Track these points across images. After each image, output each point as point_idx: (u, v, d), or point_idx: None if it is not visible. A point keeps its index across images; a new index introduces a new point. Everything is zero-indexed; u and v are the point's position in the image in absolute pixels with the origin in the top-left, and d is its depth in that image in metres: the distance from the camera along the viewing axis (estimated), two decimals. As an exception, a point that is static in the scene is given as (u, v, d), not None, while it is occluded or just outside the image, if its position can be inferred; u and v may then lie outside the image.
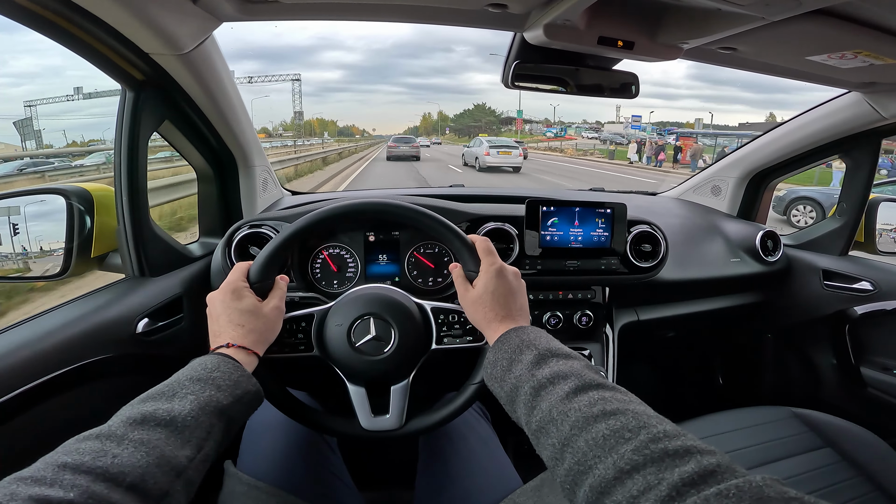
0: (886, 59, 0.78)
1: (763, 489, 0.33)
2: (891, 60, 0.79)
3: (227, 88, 0.99)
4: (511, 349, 0.58)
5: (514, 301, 0.66)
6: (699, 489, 0.34)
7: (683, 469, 0.36)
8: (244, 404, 0.55)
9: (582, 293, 1.16)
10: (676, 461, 0.37)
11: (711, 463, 0.36)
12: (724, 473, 0.36)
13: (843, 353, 1.32)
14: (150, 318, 0.85)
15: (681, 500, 0.34)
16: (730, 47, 0.83)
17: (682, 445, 0.39)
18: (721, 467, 0.36)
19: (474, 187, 1.56)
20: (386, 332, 0.70)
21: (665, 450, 0.39)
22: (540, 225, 1.07)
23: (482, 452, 0.85)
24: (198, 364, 0.55)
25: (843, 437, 1.01)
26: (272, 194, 1.38)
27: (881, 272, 1.25)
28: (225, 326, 0.62)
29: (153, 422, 0.45)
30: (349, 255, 1.00)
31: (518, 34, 0.88)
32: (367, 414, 0.72)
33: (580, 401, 0.47)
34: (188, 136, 1.03)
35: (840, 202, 1.34)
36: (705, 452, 0.38)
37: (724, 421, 1.06)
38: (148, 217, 0.90)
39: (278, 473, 0.73)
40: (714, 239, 1.40)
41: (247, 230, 0.97)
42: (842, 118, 1.20)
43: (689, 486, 0.35)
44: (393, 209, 0.74)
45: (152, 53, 0.80)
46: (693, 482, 0.35)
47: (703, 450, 0.38)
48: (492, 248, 0.70)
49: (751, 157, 1.49)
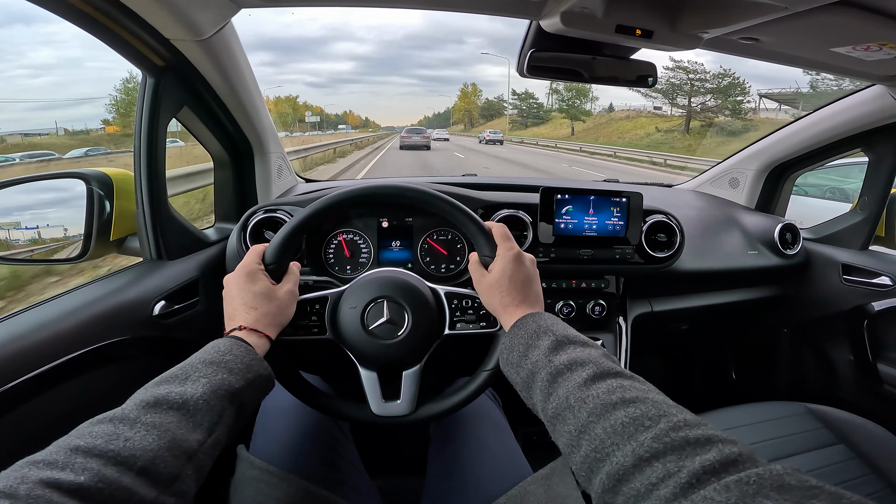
0: (913, 49, 0.76)
1: (784, 477, 0.32)
2: (917, 51, 0.77)
3: (244, 75, 1.00)
4: (528, 334, 0.58)
5: (531, 287, 0.66)
6: (719, 477, 0.34)
7: (704, 457, 0.36)
8: (256, 388, 0.55)
9: (595, 282, 1.16)
10: (697, 449, 0.37)
11: (733, 452, 0.36)
12: (745, 462, 0.35)
13: (860, 349, 1.30)
14: (167, 301, 0.86)
15: (700, 486, 0.34)
16: (751, 38, 0.81)
17: (703, 434, 0.39)
18: (742, 457, 0.36)
19: (487, 176, 1.56)
20: (400, 315, 0.71)
21: (686, 438, 0.38)
22: (554, 213, 1.06)
23: (493, 439, 0.85)
24: (211, 347, 0.55)
25: (857, 434, 1.00)
26: (287, 181, 1.39)
27: None
28: (239, 309, 0.62)
29: (166, 405, 0.45)
30: (362, 241, 1.01)
31: (534, 22, 0.87)
32: (379, 399, 0.72)
33: (598, 388, 0.47)
34: (206, 123, 1.04)
35: (861, 196, 1.31)
36: (727, 442, 0.38)
37: (737, 415, 1.05)
38: (166, 201, 0.91)
39: (291, 458, 0.72)
40: (731, 231, 1.38)
41: (262, 215, 0.99)
42: (865, 111, 1.17)
43: (709, 474, 0.34)
44: (409, 193, 0.73)
45: (173, 39, 0.81)
46: (714, 470, 0.35)
47: (724, 439, 0.38)
48: (508, 234, 0.70)
49: (771, 149, 1.47)
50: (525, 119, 70.76)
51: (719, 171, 1.65)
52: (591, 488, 0.42)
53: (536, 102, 70.13)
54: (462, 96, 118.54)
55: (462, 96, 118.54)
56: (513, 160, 18.82)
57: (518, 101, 72.82)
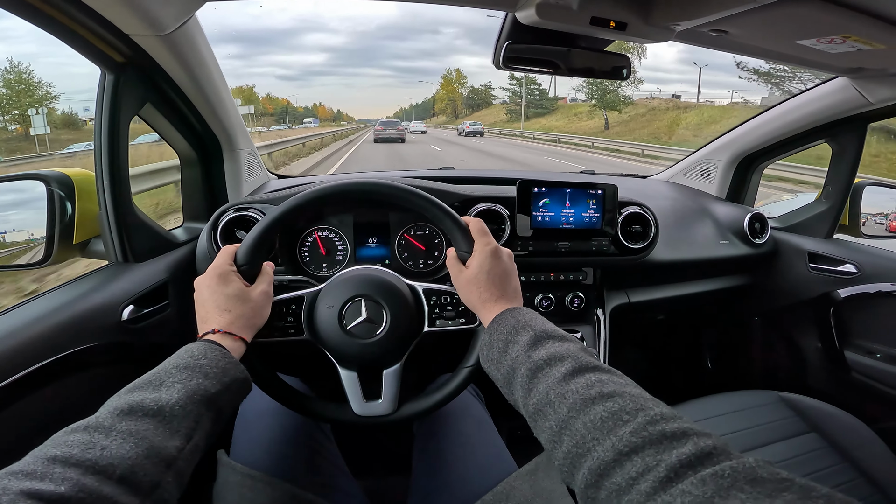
0: (875, 44, 0.78)
1: (756, 470, 0.33)
2: (879, 46, 0.79)
3: (210, 70, 0.97)
4: (507, 330, 0.58)
5: (509, 282, 0.66)
6: (696, 470, 0.35)
7: (681, 451, 0.37)
8: (232, 392, 0.55)
9: (573, 275, 1.17)
10: (674, 443, 0.38)
11: (708, 445, 0.37)
12: (719, 455, 0.36)
13: (827, 336, 1.34)
14: (136, 305, 0.84)
15: (678, 480, 0.35)
16: (721, 30, 0.82)
17: (678, 428, 0.39)
18: (717, 449, 0.37)
19: (464, 170, 1.55)
20: (378, 314, 0.70)
21: (663, 432, 0.39)
22: (531, 206, 1.07)
23: (477, 435, 0.85)
24: (184, 352, 0.54)
25: (828, 423, 1.02)
26: (258, 178, 1.36)
27: (865, 255, 1.27)
28: (212, 312, 0.61)
29: (141, 412, 0.45)
30: (338, 238, 1.00)
31: (510, 14, 0.86)
32: (360, 399, 0.71)
33: (577, 383, 0.48)
34: (171, 120, 1.01)
35: (826, 186, 1.35)
36: (701, 435, 0.39)
37: (712, 405, 1.07)
38: (130, 201, 0.89)
39: (272, 462, 0.72)
40: (703, 221, 1.41)
41: (233, 213, 0.96)
42: (829, 103, 1.20)
43: (686, 468, 0.35)
44: (383, 189, 0.72)
45: (133, 35, 0.78)
46: (690, 464, 0.36)
47: (699, 432, 0.39)
48: (486, 229, 0.70)
49: (739, 140, 1.50)
50: (526, 108, 57.10)
51: (691, 161, 1.68)
52: (574, 483, 0.43)
53: (538, 89, 57.05)
54: (444, 84, 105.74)
55: (444, 84, 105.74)
56: (489, 152, 18.70)
57: (517, 88, 59.14)
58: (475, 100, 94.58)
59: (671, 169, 1.77)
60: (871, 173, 6.70)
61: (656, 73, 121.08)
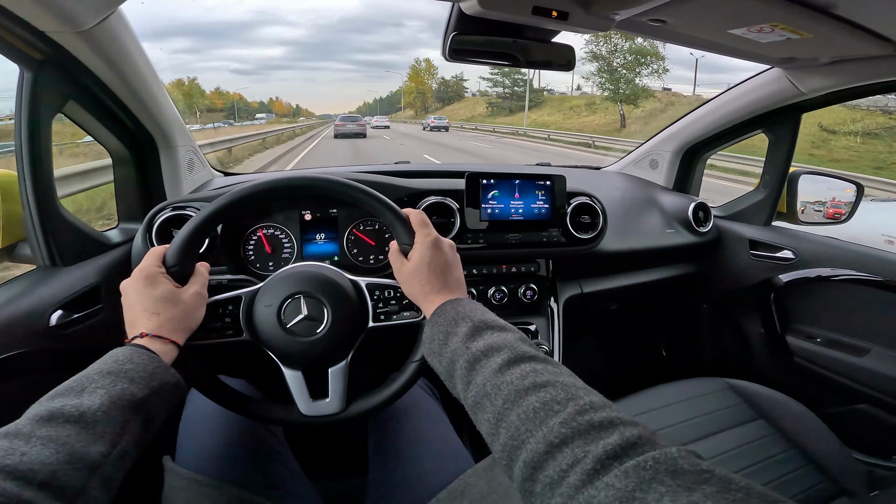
0: (801, 32, 0.81)
1: (678, 461, 0.33)
2: (805, 34, 0.82)
3: (138, 65, 0.93)
4: (447, 322, 0.57)
5: (451, 273, 0.65)
6: (621, 462, 0.35)
7: (607, 441, 0.36)
8: (162, 397, 0.53)
9: (526, 266, 1.18)
10: (601, 433, 0.37)
11: (633, 435, 0.37)
12: (644, 445, 0.36)
13: (769, 322, 1.39)
14: (65, 310, 0.79)
15: (605, 472, 0.34)
16: (659, 19, 0.84)
17: (606, 417, 0.39)
18: (642, 439, 0.37)
19: (419, 164, 1.54)
20: (318, 311, 0.68)
21: (591, 422, 0.39)
22: (480, 198, 1.06)
23: (432, 432, 0.84)
24: (109, 357, 0.53)
25: (774, 409, 1.04)
26: (200, 175, 1.31)
27: (801, 241, 1.32)
28: (139, 315, 0.59)
29: (61, 418, 0.44)
30: (284, 236, 0.97)
31: (455, 5, 0.86)
32: (306, 399, 0.70)
33: (512, 374, 0.47)
34: (98, 117, 0.96)
35: (764, 175, 1.41)
36: (628, 424, 0.38)
37: (663, 394, 1.08)
38: (55, 202, 0.84)
39: (220, 466, 0.70)
40: (651, 211, 1.44)
41: (170, 212, 0.93)
42: (764, 94, 1.25)
43: (612, 459, 0.35)
44: (320, 183, 0.70)
45: (49, 32, 0.74)
46: (616, 455, 0.35)
47: (626, 421, 0.39)
48: (426, 220, 0.68)
49: (683, 131, 1.54)
50: (510, 101, 53.26)
51: (641, 152, 1.72)
52: (513, 477, 0.42)
53: (523, 79, 50.72)
54: (413, 76, 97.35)
55: (413, 76, 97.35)
56: (452, 146, 18.50)
57: (501, 78, 53.69)
58: (446, 92, 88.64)
59: (623, 160, 1.81)
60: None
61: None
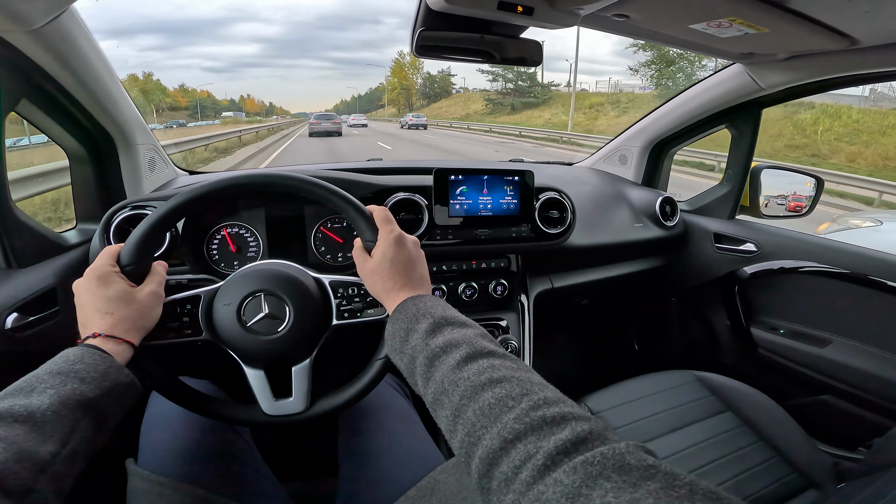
0: (758, 27, 0.83)
1: (625, 456, 0.33)
2: (762, 29, 0.84)
3: (93, 63, 0.90)
4: (408, 319, 0.56)
5: (414, 269, 0.64)
6: (570, 457, 0.34)
7: (559, 437, 0.36)
8: (115, 397, 0.52)
9: (496, 262, 1.17)
10: (553, 429, 0.37)
11: (584, 430, 0.36)
12: (594, 441, 0.36)
13: (734, 314, 1.42)
14: (21, 313, 0.77)
15: (555, 468, 0.34)
16: (622, 14, 0.84)
17: (559, 412, 0.39)
18: (592, 434, 0.36)
19: (391, 161, 1.52)
20: (280, 309, 0.66)
21: (543, 417, 0.38)
22: (448, 194, 1.06)
23: (402, 430, 0.84)
24: (60, 357, 0.52)
25: (741, 401, 1.06)
26: (163, 174, 1.27)
27: (763, 233, 1.36)
28: (92, 315, 0.58)
29: (10, 418, 0.44)
30: (249, 234, 0.95)
31: (423, 0, 0.85)
32: (269, 398, 0.68)
33: (470, 370, 0.46)
34: (53, 116, 0.93)
35: (727, 169, 1.44)
36: (580, 419, 0.38)
37: (633, 387, 1.09)
38: (9, 203, 0.81)
39: (184, 468, 0.69)
40: (620, 206, 1.46)
41: (128, 212, 0.90)
42: (726, 89, 1.27)
43: (562, 455, 0.35)
44: (279, 180, 0.68)
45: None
46: (566, 450, 0.35)
47: (578, 416, 0.39)
48: (390, 217, 0.68)
49: (650, 127, 1.56)
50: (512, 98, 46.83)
51: (611, 147, 1.73)
52: (471, 474, 0.41)
53: (527, 74, 45.13)
54: (396, 71, 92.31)
55: (396, 71, 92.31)
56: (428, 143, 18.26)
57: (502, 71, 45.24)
58: (432, 89, 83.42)
59: (594, 156, 1.83)
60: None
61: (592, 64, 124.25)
